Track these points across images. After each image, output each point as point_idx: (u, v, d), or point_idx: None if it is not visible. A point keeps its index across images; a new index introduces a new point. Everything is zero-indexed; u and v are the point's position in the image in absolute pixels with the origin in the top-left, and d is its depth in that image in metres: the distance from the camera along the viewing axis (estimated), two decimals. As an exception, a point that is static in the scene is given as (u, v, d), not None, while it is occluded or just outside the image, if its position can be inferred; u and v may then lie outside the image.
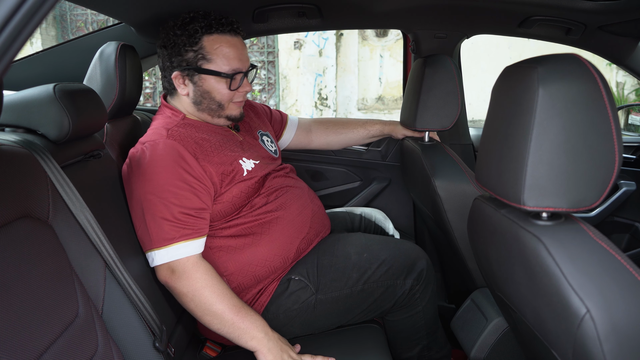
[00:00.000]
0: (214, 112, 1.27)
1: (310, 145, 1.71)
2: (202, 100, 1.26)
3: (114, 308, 0.91)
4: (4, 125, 1.01)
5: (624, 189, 1.84)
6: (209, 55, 1.22)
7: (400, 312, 1.30)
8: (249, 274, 1.22)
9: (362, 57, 6.75)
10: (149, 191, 1.12)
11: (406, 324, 1.31)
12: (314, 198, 1.41)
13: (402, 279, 1.26)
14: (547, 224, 0.73)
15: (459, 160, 1.40)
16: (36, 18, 0.48)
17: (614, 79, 6.52)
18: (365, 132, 1.69)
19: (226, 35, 1.24)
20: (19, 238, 0.74)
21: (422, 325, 1.32)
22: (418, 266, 1.28)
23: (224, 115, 1.29)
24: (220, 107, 1.27)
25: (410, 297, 1.28)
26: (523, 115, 0.71)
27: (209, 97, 1.25)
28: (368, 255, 1.27)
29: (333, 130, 1.69)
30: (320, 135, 1.69)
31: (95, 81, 1.30)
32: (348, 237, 1.35)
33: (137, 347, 0.92)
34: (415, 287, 1.27)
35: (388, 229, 1.68)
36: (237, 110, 1.30)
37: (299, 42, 6.50)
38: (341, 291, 1.23)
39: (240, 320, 1.09)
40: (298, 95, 6.71)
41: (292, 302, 1.23)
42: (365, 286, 1.24)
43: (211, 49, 1.22)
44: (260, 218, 1.24)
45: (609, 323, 0.61)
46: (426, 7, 1.57)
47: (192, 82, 1.25)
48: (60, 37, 6.87)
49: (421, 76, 1.44)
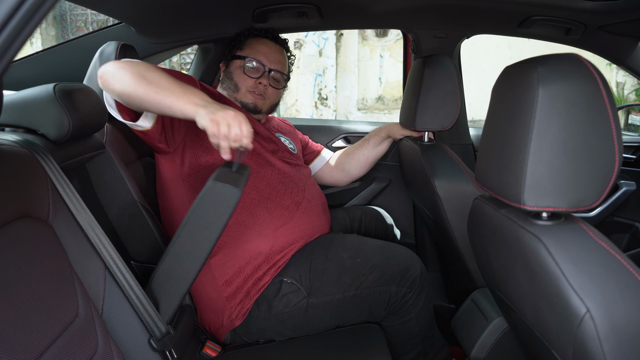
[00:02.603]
0: (232, 92, 1.45)
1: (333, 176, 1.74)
2: (226, 79, 1.48)
3: (114, 308, 0.91)
4: (4, 125, 1.01)
5: (624, 189, 1.84)
6: (244, 46, 1.49)
7: (393, 318, 1.29)
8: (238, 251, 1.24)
9: (362, 57, 6.75)
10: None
11: (400, 330, 1.30)
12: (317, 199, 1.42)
13: (395, 285, 1.25)
14: (547, 223, 0.73)
15: (459, 160, 1.39)
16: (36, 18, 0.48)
17: (614, 79, 6.52)
18: (366, 143, 1.72)
19: (267, 39, 1.51)
20: (19, 238, 0.74)
21: (416, 332, 1.31)
22: (411, 273, 1.27)
23: (239, 100, 1.45)
24: (236, 88, 1.44)
25: (403, 304, 1.27)
26: (523, 115, 0.71)
27: (230, 77, 1.47)
28: (361, 260, 1.26)
29: (343, 156, 1.74)
30: (336, 165, 1.74)
31: (95, 81, 1.29)
32: (342, 240, 1.34)
33: (137, 347, 0.92)
34: (408, 295, 1.26)
35: (391, 228, 1.68)
36: (251, 99, 1.44)
37: (299, 42, 6.51)
38: (333, 295, 1.23)
39: (178, 84, 1.00)
40: (298, 95, 6.71)
41: (284, 305, 1.22)
42: (357, 291, 1.23)
43: (249, 43, 1.50)
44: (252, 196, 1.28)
45: (609, 323, 0.61)
46: (426, 7, 1.57)
47: (226, 67, 1.51)
48: (60, 37, 6.88)
49: (421, 76, 1.44)
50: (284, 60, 1.53)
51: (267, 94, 1.47)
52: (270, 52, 1.48)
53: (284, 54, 1.54)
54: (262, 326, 1.23)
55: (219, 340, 1.30)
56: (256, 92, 1.44)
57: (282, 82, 1.52)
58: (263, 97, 1.45)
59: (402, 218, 1.98)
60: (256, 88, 1.44)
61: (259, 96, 1.45)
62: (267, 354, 1.21)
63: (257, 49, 1.47)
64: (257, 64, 1.45)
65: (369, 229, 1.66)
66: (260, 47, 1.48)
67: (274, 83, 1.48)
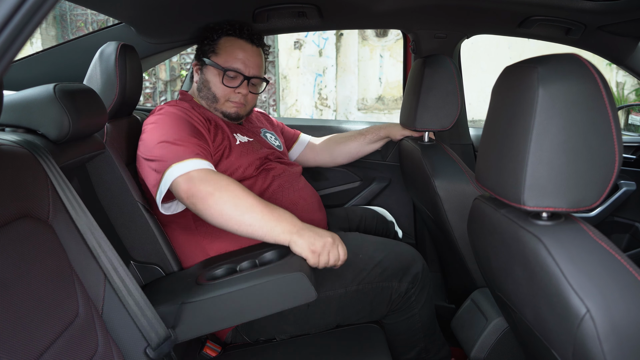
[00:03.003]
0: (210, 102, 1.40)
1: (317, 160, 1.76)
2: (203, 87, 1.41)
3: (114, 308, 0.90)
4: (4, 125, 1.01)
5: (624, 189, 1.84)
6: (218, 50, 1.39)
7: (396, 315, 1.30)
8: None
9: (362, 57, 6.75)
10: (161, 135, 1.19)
11: (403, 327, 1.31)
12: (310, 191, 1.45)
13: (397, 281, 1.26)
14: (547, 224, 0.73)
15: (459, 160, 1.39)
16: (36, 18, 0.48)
17: (614, 79, 6.52)
18: (362, 138, 1.72)
19: (242, 40, 1.40)
20: (19, 238, 0.74)
21: (419, 328, 1.31)
22: (413, 269, 1.28)
23: (220, 110, 1.41)
24: (215, 99, 1.39)
25: (406, 300, 1.28)
26: (523, 115, 0.71)
27: (207, 87, 1.40)
28: (363, 256, 1.27)
29: (334, 141, 1.76)
30: (323, 148, 1.75)
31: (95, 81, 1.30)
32: (344, 237, 1.35)
33: (137, 347, 0.91)
34: (410, 290, 1.27)
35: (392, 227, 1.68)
36: (232, 109, 1.40)
37: (299, 42, 6.51)
38: (335, 290, 1.23)
39: (270, 212, 1.06)
40: (298, 95, 6.71)
41: None
42: (359, 287, 1.24)
43: (222, 45, 1.39)
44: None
45: (608, 323, 0.61)
46: (426, 7, 1.57)
47: (200, 71, 1.43)
48: (60, 37, 6.87)
49: (421, 76, 1.44)
50: (261, 63, 1.45)
51: (247, 100, 1.43)
52: (248, 57, 1.39)
53: (261, 56, 1.45)
54: (263, 322, 1.23)
55: (219, 340, 1.30)
56: (236, 101, 1.40)
57: (261, 86, 1.49)
58: (244, 104, 1.42)
59: (402, 218, 1.98)
60: (236, 97, 1.40)
61: (239, 105, 1.41)
62: (267, 354, 1.21)
63: (234, 55, 1.38)
64: (235, 74, 1.38)
65: (370, 228, 1.66)
66: (237, 53, 1.38)
67: (253, 89, 1.44)
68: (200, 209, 1.09)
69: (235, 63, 1.38)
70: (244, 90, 1.39)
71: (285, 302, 1.01)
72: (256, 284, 0.99)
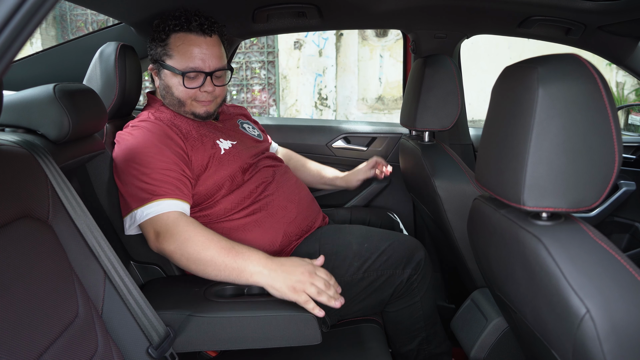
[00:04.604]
0: (177, 107, 1.33)
1: None
2: (166, 94, 1.34)
3: (114, 308, 0.90)
4: (4, 125, 1.01)
5: (624, 189, 1.84)
6: (171, 52, 1.29)
7: (399, 303, 1.32)
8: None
9: (362, 57, 6.75)
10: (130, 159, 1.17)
11: (404, 315, 1.33)
12: (300, 184, 1.46)
13: (401, 268, 1.28)
14: (547, 224, 0.73)
15: (459, 160, 1.40)
16: (36, 18, 0.48)
17: (614, 79, 6.52)
18: (318, 176, 1.73)
19: (192, 34, 1.28)
20: (19, 238, 0.74)
21: (420, 316, 1.34)
22: (416, 257, 1.31)
23: (189, 112, 1.34)
24: (180, 103, 1.32)
25: (409, 287, 1.30)
26: (523, 115, 0.71)
27: (170, 92, 1.32)
28: (369, 245, 1.29)
29: (299, 164, 1.75)
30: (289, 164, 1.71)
31: (95, 81, 1.30)
32: (349, 227, 1.40)
33: (137, 347, 0.91)
34: (413, 277, 1.30)
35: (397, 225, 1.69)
36: (201, 109, 1.33)
37: (299, 42, 6.50)
38: (342, 278, 1.24)
39: (232, 260, 1.06)
40: (298, 95, 6.71)
41: None
42: (365, 274, 1.26)
43: (174, 45, 1.28)
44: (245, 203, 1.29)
45: (608, 323, 0.61)
46: (426, 7, 1.57)
47: (159, 76, 1.34)
48: (60, 37, 6.87)
49: (421, 76, 1.44)
50: (220, 52, 1.32)
51: (215, 95, 1.33)
52: (203, 51, 1.27)
53: (218, 44, 1.32)
54: None
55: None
56: (203, 100, 1.32)
57: (227, 76, 1.38)
58: (211, 101, 1.34)
59: (402, 218, 1.98)
60: (202, 96, 1.31)
61: (207, 102, 1.33)
62: (267, 353, 1.21)
63: (188, 54, 1.26)
64: (195, 73, 1.28)
65: (375, 225, 1.68)
66: (191, 50, 1.26)
67: (218, 82, 1.33)
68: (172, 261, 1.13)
69: (192, 62, 1.27)
70: (209, 88, 1.30)
71: (290, 339, 1.01)
72: (267, 315, 1.00)
